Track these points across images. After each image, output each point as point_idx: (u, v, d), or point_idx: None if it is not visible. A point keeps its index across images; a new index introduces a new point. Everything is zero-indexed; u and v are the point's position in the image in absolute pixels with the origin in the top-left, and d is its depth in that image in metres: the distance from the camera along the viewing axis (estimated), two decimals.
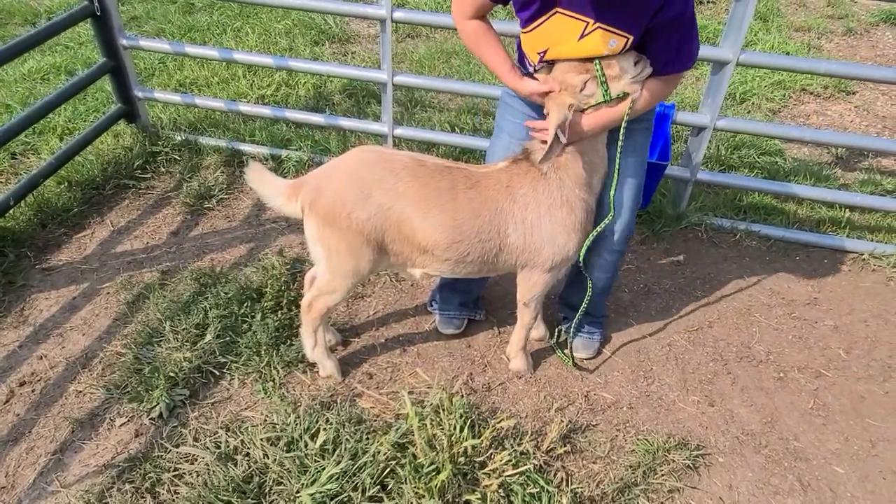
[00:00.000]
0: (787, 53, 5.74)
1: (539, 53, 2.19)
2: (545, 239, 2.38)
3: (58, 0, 6.27)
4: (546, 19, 2.08)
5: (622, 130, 2.24)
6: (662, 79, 2.19)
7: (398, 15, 3.44)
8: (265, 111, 4.12)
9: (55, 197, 3.64)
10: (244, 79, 5.00)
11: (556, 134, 2.16)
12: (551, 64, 2.23)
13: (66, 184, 3.75)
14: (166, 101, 4.24)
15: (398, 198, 2.28)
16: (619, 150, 2.30)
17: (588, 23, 2.01)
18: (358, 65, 5.49)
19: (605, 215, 2.46)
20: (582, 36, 2.05)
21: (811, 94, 5.35)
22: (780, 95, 5.22)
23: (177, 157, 4.12)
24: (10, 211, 3.39)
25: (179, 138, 4.20)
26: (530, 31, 2.15)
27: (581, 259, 2.50)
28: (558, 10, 2.04)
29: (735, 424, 2.71)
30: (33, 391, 2.67)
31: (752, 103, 5.12)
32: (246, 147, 4.17)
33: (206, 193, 3.84)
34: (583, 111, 2.22)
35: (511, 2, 2.17)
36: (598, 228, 2.46)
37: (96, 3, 3.67)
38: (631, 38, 2.02)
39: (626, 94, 2.18)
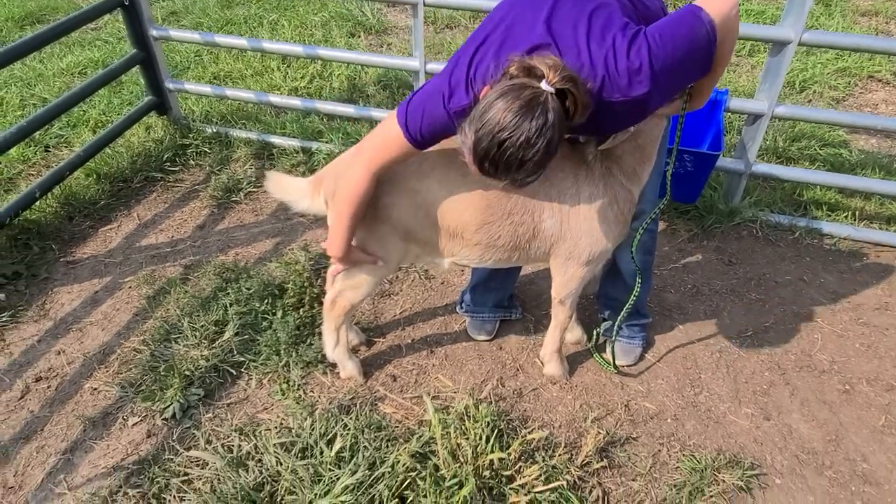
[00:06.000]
0: None
1: None
2: (583, 229, 2.17)
3: None
4: None
5: (683, 107, 2.01)
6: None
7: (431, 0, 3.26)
8: (295, 102, 4.00)
9: (83, 189, 3.60)
10: (278, 71, 4.91)
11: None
12: None
13: (95, 176, 3.71)
14: (197, 92, 4.17)
15: (424, 178, 2.10)
16: (680, 124, 2.07)
17: None
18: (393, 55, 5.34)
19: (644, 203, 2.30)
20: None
21: (880, 81, 4.94)
22: (844, 83, 4.84)
23: (207, 149, 4.04)
24: (37, 203, 3.36)
25: (210, 131, 4.12)
26: None
27: (634, 249, 2.28)
28: None
29: (794, 441, 2.44)
30: (49, 387, 2.60)
31: (814, 91, 4.76)
32: (276, 139, 4.06)
33: (234, 187, 3.74)
34: None
35: None
36: (656, 212, 2.26)
37: None
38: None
39: None
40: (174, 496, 2.15)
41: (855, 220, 3.51)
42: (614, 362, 2.66)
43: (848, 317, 2.98)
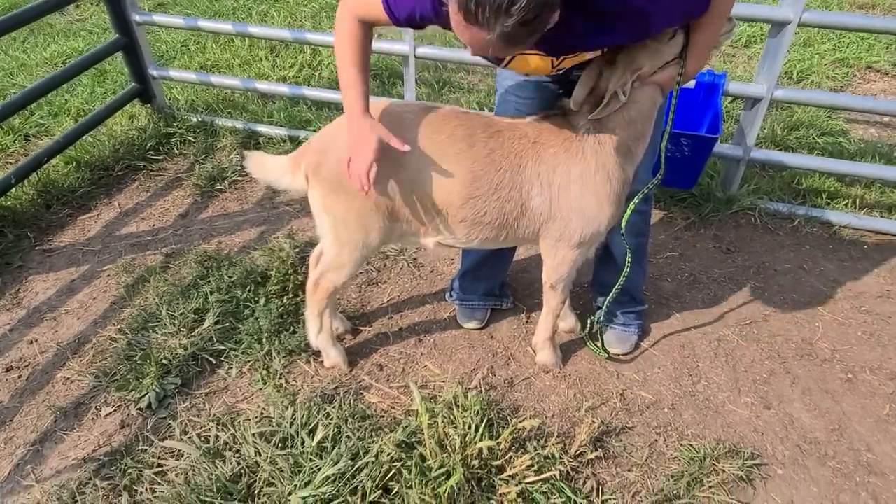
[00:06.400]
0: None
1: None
2: (573, 208, 2.07)
3: None
4: (510, 60, 1.88)
5: (678, 77, 1.92)
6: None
7: None
8: (283, 89, 3.90)
9: (62, 177, 3.49)
10: (266, 60, 4.81)
11: (615, 93, 1.90)
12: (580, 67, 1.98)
13: (75, 164, 3.60)
14: (182, 79, 4.06)
15: (408, 151, 1.99)
16: (675, 98, 1.99)
17: (553, 59, 1.82)
18: None
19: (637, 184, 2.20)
20: (555, 65, 1.87)
21: (878, 71, 4.87)
22: (842, 73, 4.77)
23: (191, 138, 3.93)
24: (13, 190, 3.25)
25: (195, 119, 4.02)
26: (501, 67, 1.96)
27: (623, 226, 2.18)
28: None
29: (796, 431, 2.35)
30: (20, 377, 2.49)
31: (811, 82, 4.68)
32: (263, 128, 3.96)
33: (219, 175, 3.64)
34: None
35: None
36: (648, 188, 2.16)
37: None
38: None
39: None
40: (147, 488, 2.05)
41: (855, 208, 3.43)
42: (603, 346, 2.57)
43: (849, 305, 2.90)
